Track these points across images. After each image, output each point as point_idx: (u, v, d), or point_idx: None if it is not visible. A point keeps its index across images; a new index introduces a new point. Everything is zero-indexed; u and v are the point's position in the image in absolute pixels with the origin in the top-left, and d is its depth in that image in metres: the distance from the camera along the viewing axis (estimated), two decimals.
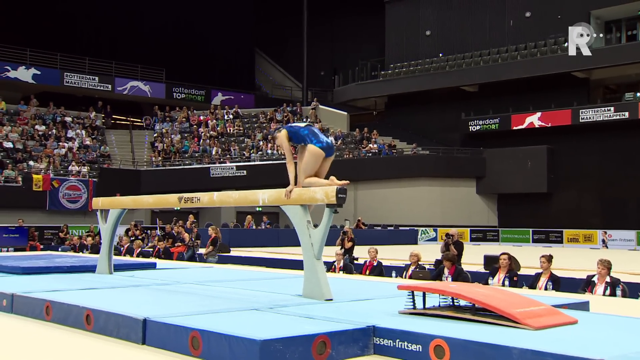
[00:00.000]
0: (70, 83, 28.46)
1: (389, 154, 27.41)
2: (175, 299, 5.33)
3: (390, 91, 32.09)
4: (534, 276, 8.16)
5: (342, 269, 10.67)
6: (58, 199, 22.35)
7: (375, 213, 26.17)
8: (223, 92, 33.09)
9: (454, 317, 4.17)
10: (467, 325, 3.99)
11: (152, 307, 4.73)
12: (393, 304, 4.74)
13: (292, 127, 5.55)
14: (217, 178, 25.72)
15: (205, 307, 4.77)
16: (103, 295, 5.48)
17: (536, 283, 7.96)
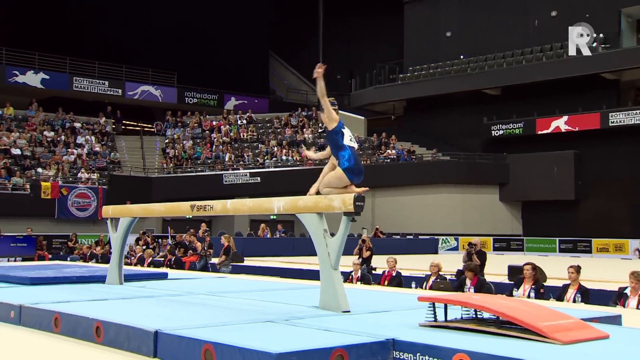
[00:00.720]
0: (79, 88, 28.77)
1: (408, 160, 27.33)
2: (188, 311, 5.34)
3: (409, 95, 32.03)
4: (562, 288, 8.07)
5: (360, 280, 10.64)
6: (67, 207, 22.56)
7: (393, 221, 26.09)
8: (236, 96, 33.26)
9: (477, 330, 4.14)
10: (491, 339, 3.96)
11: (164, 319, 4.74)
12: (413, 316, 4.72)
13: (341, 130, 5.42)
14: (230, 185, 25.81)
15: (218, 319, 4.78)
16: (113, 307, 5.51)
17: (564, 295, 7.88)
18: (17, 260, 17.32)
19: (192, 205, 6.32)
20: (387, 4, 35.11)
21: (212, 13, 34.01)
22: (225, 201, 6.16)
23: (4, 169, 22.54)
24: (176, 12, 32.92)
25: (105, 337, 4.53)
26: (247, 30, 34.81)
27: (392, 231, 25.04)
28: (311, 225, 5.35)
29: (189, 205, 6.38)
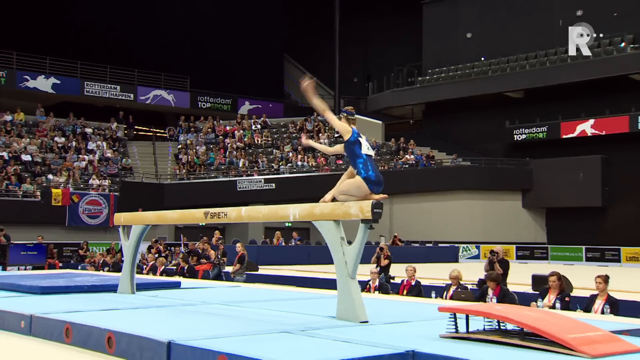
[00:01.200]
0: (90, 92, 29.07)
1: (427, 166, 27.25)
2: (201, 321, 5.36)
3: (428, 98, 31.96)
4: (589, 298, 7.99)
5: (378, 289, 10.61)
6: (78, 215, 22.75)
7: (412, 229, 26.00)
8: (250, 100, 33.40)
9: (500, 342, 4.11)
10: (515, 351, 3.93)
11: (177, 329, 4.76)
12: (433, 327, 4.69)
13: (357, 138, 5.45)
14: (244, 192, 25.89)
15: (233, 329, 4.79)
16: (125, 317, 5.54)
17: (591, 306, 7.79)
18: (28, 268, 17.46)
19: (206, 212, 6.35)
20: (405, 5, 35.10)
21: (226, 16, 34.19)
22: (239, 208, 6.18)
23: (15, 175, 22.79)
24: (189, 15, 33.17)
25: (117, 348, 4.56)
26: (261, 32, 34.95)
27: (410, 239, 24.95)
28: (328, 233, 5.35)
29: (202, 212, 6.41)
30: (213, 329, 4.83)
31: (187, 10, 33.21)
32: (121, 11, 31.67)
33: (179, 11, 33.10)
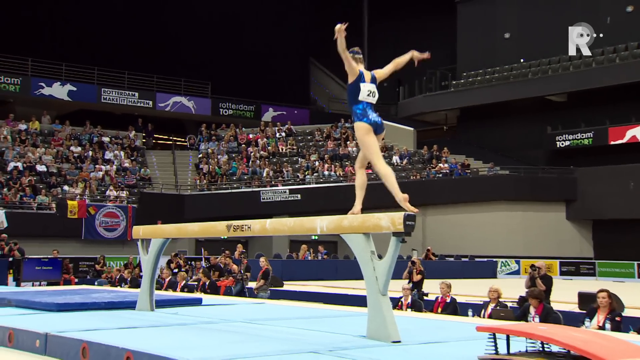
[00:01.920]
0: (108, 100, 29.46)
1: (462, 175, 27.07)
2: (224, 340, 5.37)
3: (463, 103, 31.80)
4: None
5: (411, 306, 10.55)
6: (94, 227, 23.00)
7: (447, 242, 25.83)
8: (274, 107, 33.57)
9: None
10: None
11: (198, 349, 4.78)
12: (471, 348, 4.64)
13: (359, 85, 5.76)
14: (268, 203, 25.98)
15: (257, 349, 4.79)
16: (144, 335, 5.58)
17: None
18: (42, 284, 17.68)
19: (229, 225, 6.37)
20: (437, 4, 35.04)
21: (248, 18, 34.45)
22: (264, 221, 6.20)
23: (29, 186, 23.16)
24: (210, 18, 33.46)
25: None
26: (286, 35, 35.14)
27: (445, 253, 24.77)
28: (357, 247, 5.34)
29: (225, 225, 6.43)
30: (235, 348, 4.83)
31: (207, 14, 33.52)
32: (139, 15, 32.07)
33: (199, 14, 33.43)
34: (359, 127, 5.68)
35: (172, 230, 7.60)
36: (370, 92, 5.77)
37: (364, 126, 5.65)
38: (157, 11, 32.71)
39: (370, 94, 5.76)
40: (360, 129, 5.66)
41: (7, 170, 23.92)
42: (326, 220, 5.62)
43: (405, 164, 28.11)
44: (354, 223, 5.36)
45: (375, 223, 5.22)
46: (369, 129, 5.65)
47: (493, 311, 9.28)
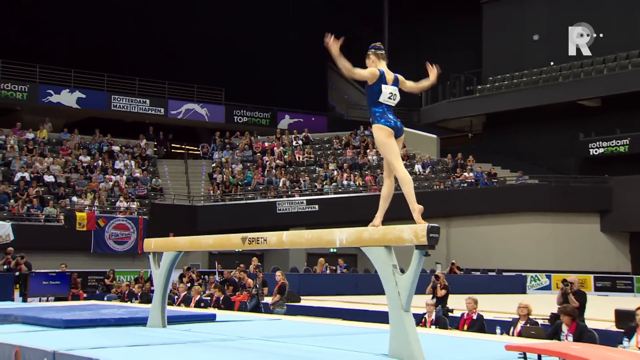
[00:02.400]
0: (118, 107, 29.70)
1: (489, 184, 26.96)
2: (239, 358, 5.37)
3: (489, 109, 31.71)
4: None
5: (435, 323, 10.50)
6: (104, 240, 23.17)
7: (472, 255, 25.70)
8: (291, 114, 33.66)
9: None
10: None
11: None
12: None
13: (380, 86, 5.79)
14: (285, 214, 26.03)
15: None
16: (156, 353, 5.60)
17: None
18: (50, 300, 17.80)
19: (244, 237, 6.39)
20: (462, 5, 35.02)
21: (263, 22, 34.60)
22: (280, 233, 6.21)
23: (37, 198, 23.37)
24: (223, 22, 33.64)
25: None
26: (302, 39, 35.23)
27: (471, 266, 24.64)
28: (378, 260, 5.33)
29: (240, 237, 6.45)
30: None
31: (221, 17, 33.71)
32: (150, 21, 32.35)
33: (212, 18, 33.64)
34: (378, 130, 5.73)
35: (185, 242, 7.63)
36: (392, 94, 5.82)
37: (384, 128, 5.70)
38: (168, 16, 32.99)
39: (392, 97, 5.82)
40: (381, 132, 5.71)
41: (13, 181, 24.15)
42: (346, 232, 5.62)
43: (428, 173, 28.03)
44: (375, 235, 5.35)
45: (397, 235, 5.20)
46: (390, 132, 5.71)
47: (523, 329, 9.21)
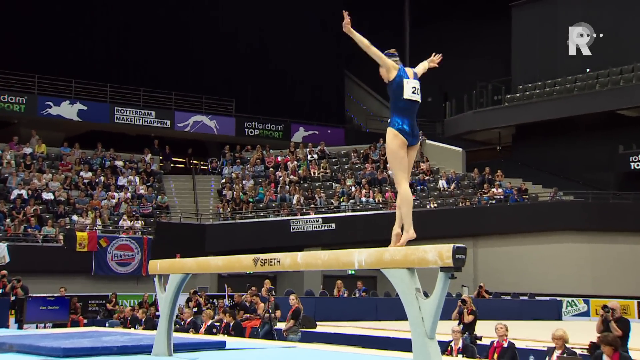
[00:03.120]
0: (121, 119, 29.89)
1: (519, 201, 26.82)
2: None
3: (520, 120, 31.59)
4: None
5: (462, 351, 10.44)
6: (106, 262, 23.27)
7: (502, 277, 25.53)
8: (305, 126, 33.74)
9: None
10: None
11: None
12: None
13: (402, 78, 5.87)
14: (299, 233, 26.03)
15: None
16: None
17: None
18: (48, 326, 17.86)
19: (256, 259, 6.40)
20: (489, 8, 35.01)
21: (275, 28, 34.76)
22: (295, 254, 6.21)
23: (34, 217, 23.52)
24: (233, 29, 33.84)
25: None
26: (317, 46, 35.38)
27: (500, 290, 24.48)
28: (400, 284, 5.31)
29: (251, 258, 6.46)
30: None
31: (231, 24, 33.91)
32: (155, 29, 32.54)
33: (221, 25, 33.85)
34: (393, 136, 5.75)
35: (193, 264, 7.64)
36: (415, 88, 5.87)
37: (398, 136, 5.72)
38: (175, 23, 33.19)
39: (415, 91, 5.86)
40: (395, 140, 5.73)
41: (10, 198, 24.32)
42: (365, 253, 5.61)
43: (453, 189, 27.96)
44: (397, 257, 5.34)
45: (421, 257, 5.19)
46: (403, 142, 5.73)
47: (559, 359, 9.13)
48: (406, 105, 5.78)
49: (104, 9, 31.99)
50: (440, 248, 5.07)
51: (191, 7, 33.76)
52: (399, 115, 5.78)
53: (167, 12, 33.11)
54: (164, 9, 33.01)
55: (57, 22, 30.74)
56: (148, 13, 32.60)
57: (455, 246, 5.02)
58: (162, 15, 32.95)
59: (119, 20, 32.20)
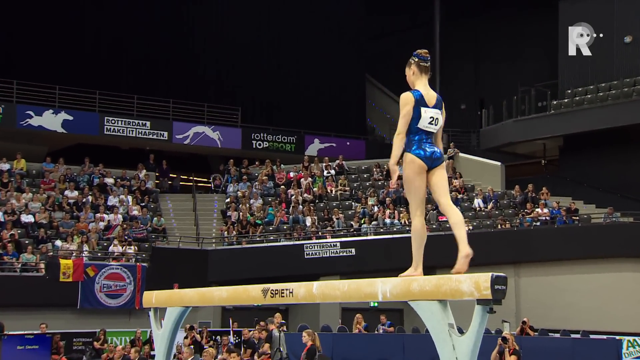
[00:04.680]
0: (112, 131, 29.95)
1: (568, 223, 26.67)
2: None
3: (568, 129, 31.47)
4: None
5: None
6: (93, 293, 23.27)
7: (549, 312, 25.34)
8: (321, 137, 33.74)
9: None
10: None
11: None
12: None
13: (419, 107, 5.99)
14: (314, 260, 26.00)
15: None
16: None
17: None
18: None
19: (265, 289, 6.41)
20: (532, 2, 35.00)
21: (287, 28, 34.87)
22: (310, 284, 6.21)
23: (12, 242, 23.54)
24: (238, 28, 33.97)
25: None
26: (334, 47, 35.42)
27: (547, 326, 24.27)
28: (431, 318, 5.31)
29: (260, 289, 6.48)
30: None
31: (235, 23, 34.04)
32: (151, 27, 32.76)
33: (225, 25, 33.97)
34: (409, 162, 5.98)
35: (193, 296, 7.66)
36: (433, 119, 6.00)
37: (415, 161, 5.94)
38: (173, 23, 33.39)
39: (433, 121, 6.00)
40: (411, 165, 5.96)
41: None
42: (390, 283, 5.61)
43: (490, 209, 27.84)
44: (427, 287, 5.34)
45: (454, 287, 5.19)
46: (421, 167, 5.92)
47: None
48: (421, 133, 5.99)
49: (92, 7, 32.24)
50: (477, 278, 5.07)
51: (192, 5, 33.97)
52: (414, 140, 5.99)
53: (165, 10, 33.34)
54: (161, 7, 33.24)
55: (37, 21, 30.92)
56: (143, 11, 32.82)
57: (494, 275, 5.02)
58: (159, 13, 33.19)
59: (110, 20, 32.39)
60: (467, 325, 5.16)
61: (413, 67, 6.12)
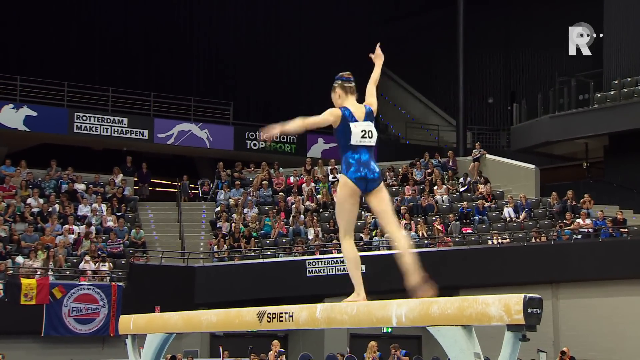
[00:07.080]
0: (83, 129, 29.93)
1: (615, 236, 26.64)
2: None
3: (614, 127, 31.42)
4: None
5: None
6: (61, 318, 23.21)
7: (592, 340, 25.31)
8: (325, 137, 33.70)
9: None
10: None
11: None
12: None
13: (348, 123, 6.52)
14: (318, 278, 25.99)
15: None
16: None
17: None
18: None
19: (261, 313, 6.42)
20: None
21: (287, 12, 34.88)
22: (313, 307, 6.22)
23: None
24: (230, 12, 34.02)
25: None
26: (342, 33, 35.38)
27: (590, 357, 24.27)
28: (453, 346, 5.32)
29: (255, 313, 6.48)
30: None
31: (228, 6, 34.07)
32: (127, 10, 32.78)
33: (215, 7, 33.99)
34: (341, 184, 6.51)
35: (178, 321, 7.67)
36: (366, 132, 6.48)
37: (347, 184, 6.42)
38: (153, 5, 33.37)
39: (367, 134, 6.46)
40: (342, 189, 6.50)
41: None
42: (405, 305, 5.62)
43: (523, 220, 27.79)
44: (448, 310, 5.34)
45: (481, 310, 5.19)
46: (353, 190, 6.39)
47: None
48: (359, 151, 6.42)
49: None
50: (507, 299, 5.07)
51: None
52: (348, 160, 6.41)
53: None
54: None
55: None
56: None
57: (528, 297, 5.02)
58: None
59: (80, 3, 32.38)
60: (495, 356, 5.16)
61: (338, 91, 6.80)
